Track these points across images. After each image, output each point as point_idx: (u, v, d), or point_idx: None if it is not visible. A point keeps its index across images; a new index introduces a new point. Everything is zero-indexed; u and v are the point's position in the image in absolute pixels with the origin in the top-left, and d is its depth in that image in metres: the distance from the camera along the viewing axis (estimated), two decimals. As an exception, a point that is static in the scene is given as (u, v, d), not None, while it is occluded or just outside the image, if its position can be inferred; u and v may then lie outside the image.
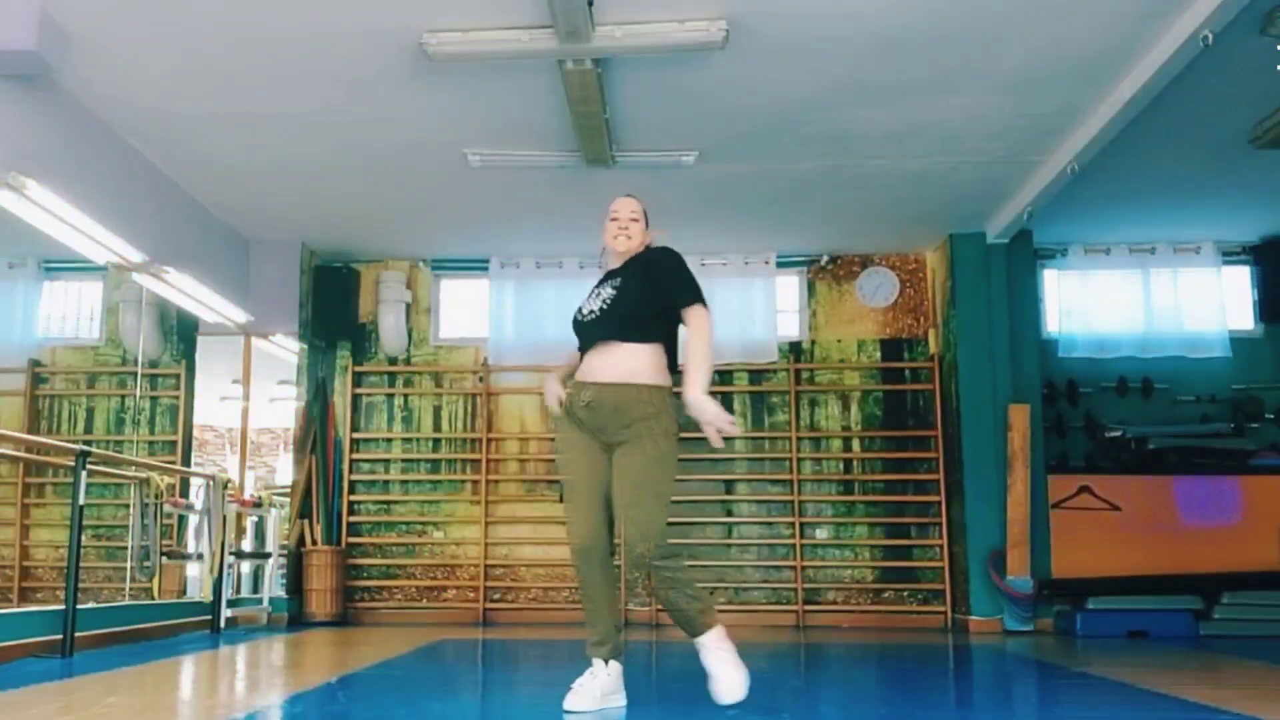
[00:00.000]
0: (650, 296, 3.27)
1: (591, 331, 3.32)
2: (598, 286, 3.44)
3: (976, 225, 7.31)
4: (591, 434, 3.27)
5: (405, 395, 8.01)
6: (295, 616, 7.28)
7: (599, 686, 3.17)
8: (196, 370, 7.16)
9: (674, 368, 3.33)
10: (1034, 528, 6.96)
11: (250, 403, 7.64)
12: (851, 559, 7.67)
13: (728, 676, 3.11)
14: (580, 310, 3.40)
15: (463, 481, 7.89)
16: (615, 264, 3.47)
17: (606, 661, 3.23)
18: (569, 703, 3.13)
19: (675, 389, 3.28)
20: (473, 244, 7.76)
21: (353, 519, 7.81)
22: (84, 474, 4.93)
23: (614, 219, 3.46)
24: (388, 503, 7.91)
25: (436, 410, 7.99)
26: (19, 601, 6.31)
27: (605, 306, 3.30)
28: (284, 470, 8.28)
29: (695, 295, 3.24)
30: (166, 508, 6.23)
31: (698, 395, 3.06)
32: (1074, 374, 7.69)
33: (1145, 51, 4.80)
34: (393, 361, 8.04)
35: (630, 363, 3.23)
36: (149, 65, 4.97)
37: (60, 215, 5.11)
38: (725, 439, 3.10)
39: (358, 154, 6.06)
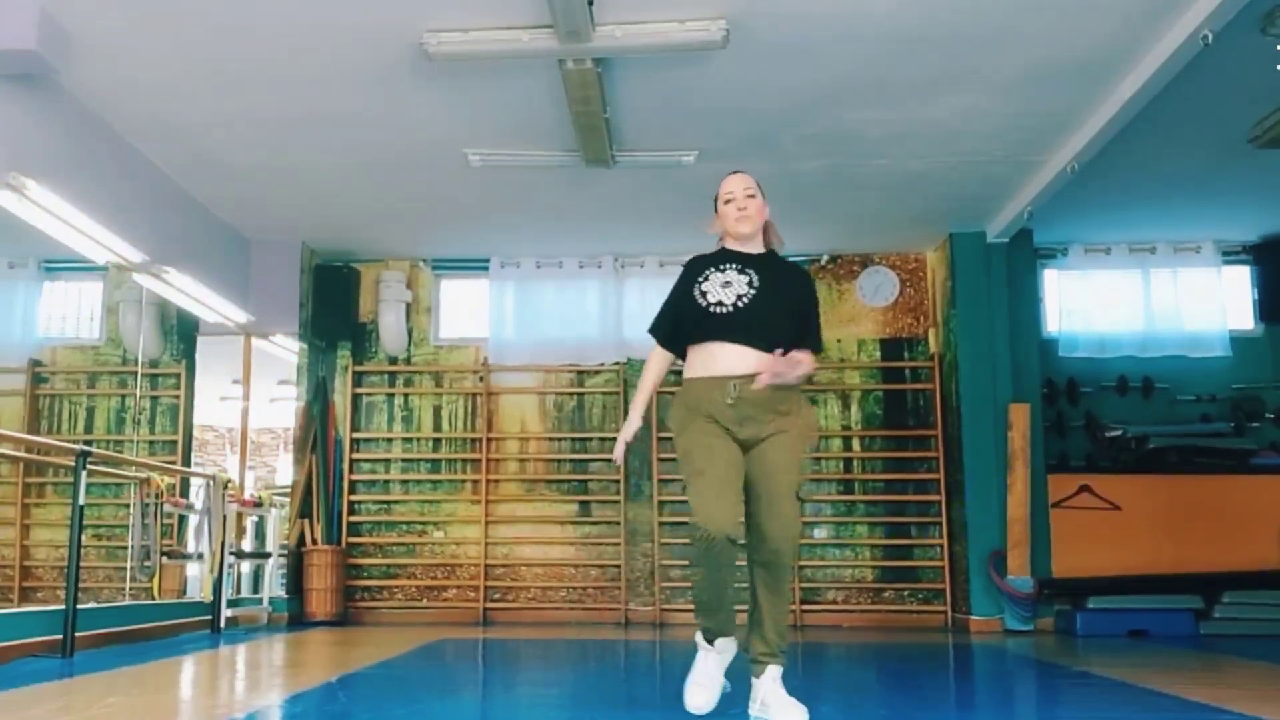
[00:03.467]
0: (793, 320, 3.19)
1: (732, 326, 3.11)
2: (718, 270, 3.20)
3: (977, 225, 7.31)
4: (727, 428, 3.10)
5: (405, 395, 8.01)
6: (295, 616, 7.28)
7: (716, 667, 3.17)
8: (196, 370, 7.17)
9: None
10: (1034, 527, 6.96)
11: (250, 403, 7.64)
12: (851, 558, 7.67)
13: (797, 712, 3.01)
14: (707, 299, 3.14)
15: (463, 481, 7.88)
16: (735, 246, 3.28)
17: (712, 643, 3.20)
18: (695, 700, 3.08)
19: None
20: (473, 244, 7.76)
21: (353, 519, 7.80)
22: (84, 474, 4.93)
23: (729, 200, 3.24)
24: (388, 502, 7.91)
25: (436, 410, 7.98)
26: (19, 601, 6.32)
27: (747, 305, 3.11)
28: (284, 470, 8.29)
29: (820, 346, 3.32)
30: (166, 508, 6.23)
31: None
32: (1074, 373, 7.68)
33: (1145, 51, 4.80)
34: (393, 361, 8.03)
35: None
36: (149, 65, 4.97)
37: (60, 215, 5.11)
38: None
39: (358, 154, 6.06)
